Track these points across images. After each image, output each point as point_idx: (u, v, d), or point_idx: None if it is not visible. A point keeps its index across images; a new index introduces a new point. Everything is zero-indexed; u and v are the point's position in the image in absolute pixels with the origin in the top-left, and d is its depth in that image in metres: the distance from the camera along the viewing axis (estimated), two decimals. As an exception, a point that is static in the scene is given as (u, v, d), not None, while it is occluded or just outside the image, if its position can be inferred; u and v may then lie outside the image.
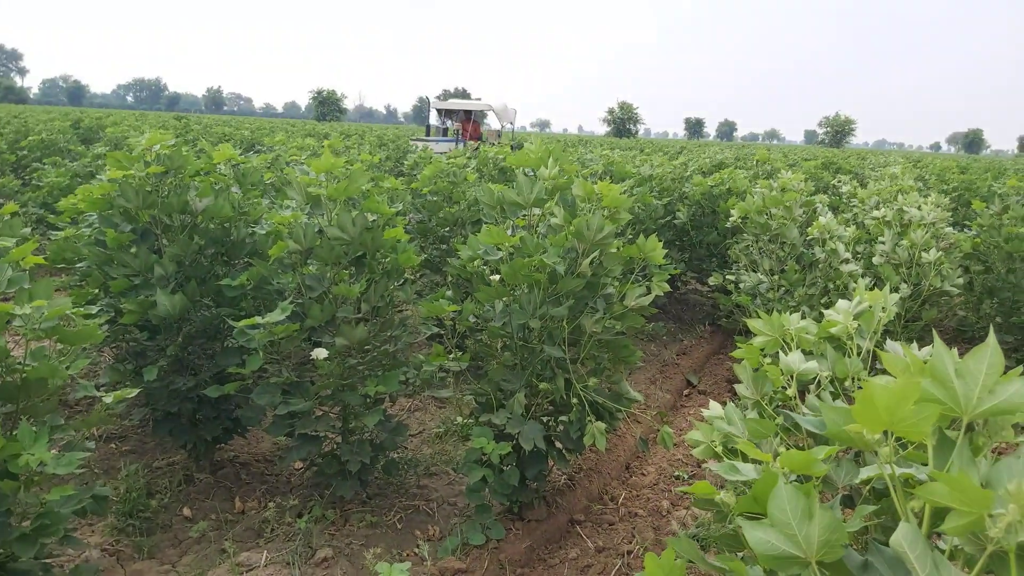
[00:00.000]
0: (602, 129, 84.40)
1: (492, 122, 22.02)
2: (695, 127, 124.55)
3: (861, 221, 5.61)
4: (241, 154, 4.22)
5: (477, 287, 3.14)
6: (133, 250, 3.11)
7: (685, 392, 5.56)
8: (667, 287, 3.15)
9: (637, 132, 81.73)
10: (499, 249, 3.10)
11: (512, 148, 16.39)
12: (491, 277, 3.13)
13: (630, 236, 5.71)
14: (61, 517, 2.04)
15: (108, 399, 2.16)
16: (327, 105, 73.20)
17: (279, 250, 2.98)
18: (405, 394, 4.55)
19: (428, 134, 19.77)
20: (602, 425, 3.03)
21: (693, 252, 6.87)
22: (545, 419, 3.31)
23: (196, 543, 3.09)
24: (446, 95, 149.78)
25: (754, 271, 5.13)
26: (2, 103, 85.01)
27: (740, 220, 5.13)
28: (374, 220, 3.04)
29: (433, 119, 20.98)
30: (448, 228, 5.25)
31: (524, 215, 3.27)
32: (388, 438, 3.28)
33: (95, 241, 3.19)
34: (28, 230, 3.26)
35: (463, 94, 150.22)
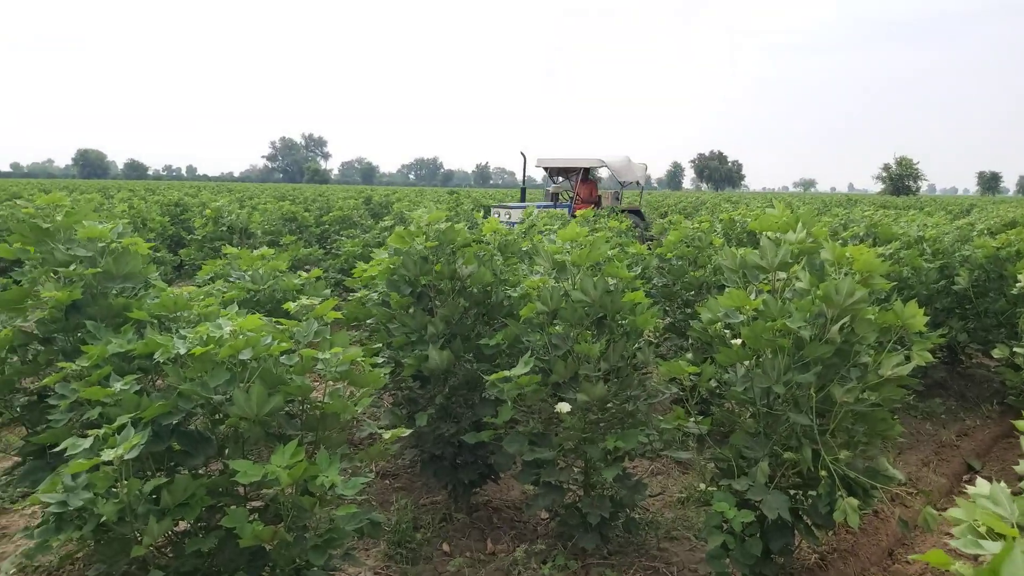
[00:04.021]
0: (876, 187, 77.70)
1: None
2: (990, 181, 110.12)
3: None
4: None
5: (718, 349, 3.16)
6: (411, 311, 3.60)
7: (965, 478, 4.95)
8: (929, 356, 2.92)
9: (918, 189, 74.07)
10: (740, 312, 3.10)
11: (630, 215, 12.98)
12: (732, 340, 3.13)
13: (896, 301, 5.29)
14: (345, 533, 2.41)
15: (386, 435, 2.54)
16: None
17: (529, 311, 3.27)
18: (646, 455, 4.60)
19: (524, 198, 16.48)
20: (854, 502, 2.85)
21: (978, 322, 6.14)
22: (792, 491, 3.18)
23: (452, 577, 3.40)
24: (702, 158, 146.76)
25: (1050, 343, 4.49)
26: (310, 183, 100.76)
27: (1030, 285, 4.55)
28: (614, 284, 3.22)
29: (550, 183, 16.96)
30: (693, 292, 5.28)
31: (768, 279, 3.25)
32: (627, 495, 3.36)
33: (381, 302, 3.74)
34: (328, 291, 3.91)
35: (719, 157, 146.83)
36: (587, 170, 15.69)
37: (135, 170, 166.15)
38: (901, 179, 72.72)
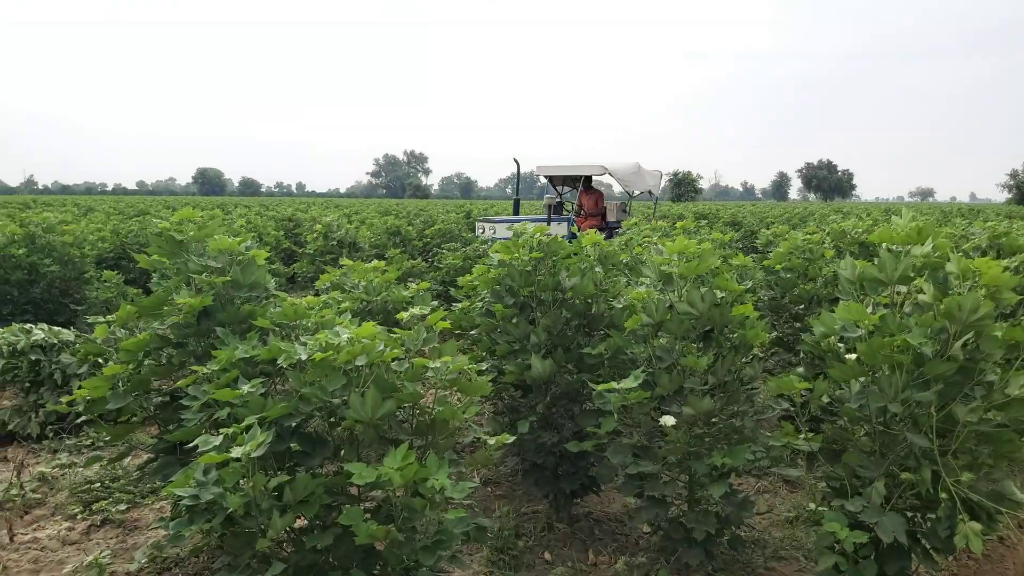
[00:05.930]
0: (1001, 196, 72.64)
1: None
2: None
3: None
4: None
5: (831, 365, 3.06)
6: (514, 320, 3.67)
7: (1107, 508, 4.56)
8: (1063, 375, 2.73)
9: (1049, 196, 68.73)
10: (857, 327, 3.00)
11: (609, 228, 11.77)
12: (847, 355, 3.03)
13: (1026, 317, 4.95)
14: (453, 536, 2.48)
15: (491, 441, 2.60)
16: (683, 186, 75.09)
17: (634, 323, 3.26)
18: (754, 473, 4.49)
19: (517, 211, 14.45)
20: (977, 526, 2.69)
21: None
22: (909, 513, 3.04)
23: (554, 586, 3.42)
24: (809, 168, 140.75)
25: None
26: (411, 198, 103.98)
27: None
28: (722, 296, 3.17)
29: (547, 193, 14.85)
30: (802, 306, 5.11)
31: (886, 293, 3.13)
32: (734, 512, 3.29)
33: (485, 312, 3.83)
34: (435, 303, 4.03)
35: (828, 166, 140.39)
36: (587, 178, 13.76)
37: (249, 187, 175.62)
38: (1029, 187, 67.80)
